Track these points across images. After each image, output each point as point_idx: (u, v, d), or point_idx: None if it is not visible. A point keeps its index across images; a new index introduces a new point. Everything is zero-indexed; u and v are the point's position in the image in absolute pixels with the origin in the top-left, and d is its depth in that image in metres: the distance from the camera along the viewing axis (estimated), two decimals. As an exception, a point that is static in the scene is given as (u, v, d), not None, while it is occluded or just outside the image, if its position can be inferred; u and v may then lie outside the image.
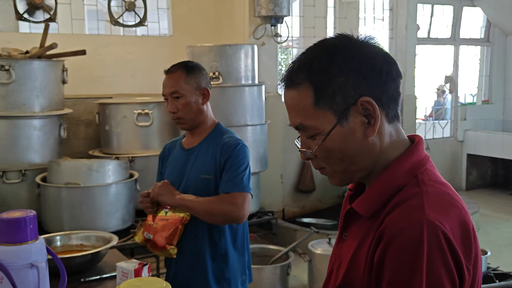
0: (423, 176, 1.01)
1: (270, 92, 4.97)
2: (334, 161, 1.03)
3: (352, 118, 1.00)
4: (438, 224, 0.90)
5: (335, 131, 1.00)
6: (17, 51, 3.91)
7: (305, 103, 1.01)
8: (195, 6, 5.14)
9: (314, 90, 1.00)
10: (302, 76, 1.01)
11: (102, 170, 3.61)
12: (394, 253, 0.91)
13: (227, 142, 2.03)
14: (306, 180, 5.60)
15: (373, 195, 1.02)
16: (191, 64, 2.12)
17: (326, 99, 1.00)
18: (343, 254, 1.08)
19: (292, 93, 1.03)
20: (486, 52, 7.31)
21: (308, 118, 1.02)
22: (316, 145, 1.02)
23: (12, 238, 1.32)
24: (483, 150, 6.89)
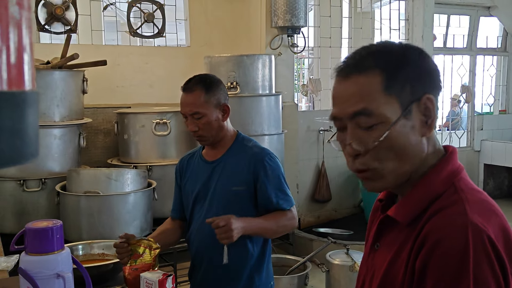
0: (460, 184, 1.00)
1: (286, 101, 4.99)
2: (389, 158, 0.98)
3: (414, 114, 0.98)
4: (483, 228, 0.90)
5: (400, 123, 0.97)
6: (38, 61, 3.98)
7: (372, 88, 0.97)
8: (213, 17, 5.20)
9: (385, 75, 0.97)
10: (372, 61, 0.99)
11: (121, 179, 3.65)
12: (439, 259, 0.90)
13: (256, 153, 2.03)
14: (322, 189, 5.59)
15: (411, 201, 1.01)
16: (209, 80, 2.07)
17: (396, 86, 0.97)
18: (376, 264, 1.07)
19: (357, 78, 0.99)
20: (503, 61, 7.26)
21: (375, 102, 0.97)
22: (378, 136, 0.96)
23: (39, 248, 1.32)
24: (500, 160, 6.83)
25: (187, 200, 2.16)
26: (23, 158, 0.42)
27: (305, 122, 5.45)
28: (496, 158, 6.86)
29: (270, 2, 4.82)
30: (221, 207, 2.02)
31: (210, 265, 2.01)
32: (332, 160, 5.65)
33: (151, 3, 4.92)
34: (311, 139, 5.53)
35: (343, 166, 5.78)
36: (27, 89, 0.42)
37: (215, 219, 1.82)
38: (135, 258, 1.90)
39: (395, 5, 6.16)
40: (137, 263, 1.91)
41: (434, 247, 0.91)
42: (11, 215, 3.74)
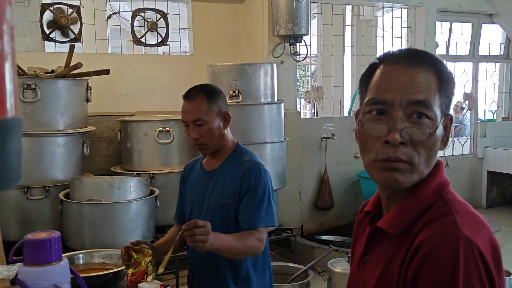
0: (448, 196, 1.03)
1: (289, 109, 5.01)
2: (424, 157, 1.01)
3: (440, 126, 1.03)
4: (474, 241, 0.92)
5: (440, 127, 1.02)
6: (43, 70, 4.02)
7: (433, 85, 1.02)
8: (216, 26, 5.24)
9: (437, 77, 1.02)
10: (426, 60, 1.03)
11: (124, 187, 3.68)
12: (431, 268, 0.92)
13: (247, 167, 2.02)
14: (324, 197, 5.60)
15: (402, 213, 1.03)
16: (211, 88, 2.09)
17: (444, 91, 1.03)
18: (367, 276, 1.09)
19: (423, 71, 1.02)
20: (505, 68, 7.26)
21: (433, 99, 1.01)
22: (434, 127, 1.00)
23: (37, 259, 1.33)
24: (504, 167, 6.81)
25: (186, 207, 2.20)
26: (4, 184, 0.44)
27: (308, 130, 5.47)
28: (499, 165, 6.85)
29: (272, 11, 4.86)
30: (210, 218, 2.02)
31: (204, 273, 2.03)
32: (334, 167, 5.67)
33: (155, 12, 4.96)
34: (313, 146, 5.55)
35: (346, 174, 5.82)
36: (9, 116, 0.45)
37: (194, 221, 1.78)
38: (137, 265, 1.93)
39: (398, 12, 6.18)
40: (136, 270, 1.93)
41: (426, 256, 0.93)
42: (14, 223, 3.77)
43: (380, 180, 1.03)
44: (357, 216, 1.25)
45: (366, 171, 1.07)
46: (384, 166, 1.01)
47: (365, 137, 1.05)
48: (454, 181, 6.10)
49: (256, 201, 1.97)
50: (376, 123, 1.02)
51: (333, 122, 5.67)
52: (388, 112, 1.01)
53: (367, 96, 1.06)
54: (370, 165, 1.04)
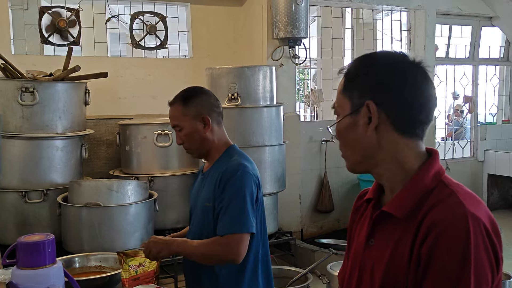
0: (447, 180, 1.13)
1: (288, 112, 5.00)
2: (343, 143, 1.21)
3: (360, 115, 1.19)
4: (479, 217, 1.04)
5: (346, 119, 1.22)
6: (41, 73, 4.02)
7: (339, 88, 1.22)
8: (215, 29, 5.24)
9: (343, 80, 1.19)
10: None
11: (122, 190, 3.67)
12: (446, 244, 1.01)
13: (227, 168, 1.95)
14: (324, 200, 5.59)
15: (406, 197, 1.12)
16: (189, 92, 2.07)
17: (348, 88, 1.20)
18: (374, 258, 1.16)
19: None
20: (505, 71, 7.25)
21: (339, 100, 1.21)
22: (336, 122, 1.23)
23: (30, 262, 1.31)
24: (504, 170, 6.79)
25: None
26: None
27: (307, 133, 5.46)
28: (500, 168, 6.83)
29: (271, 14, 4.85)
30: (196, 222, 2.03)
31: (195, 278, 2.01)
32: (334, 170, 5.65)
33: (154, 15, 4.96)
34: (313, 149, 5.53)
35: (346, 177, 5.80)
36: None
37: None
38: (136, 269, 1.91)
39: (397, 15, 6.17)
40: (138, 273, 1.91)
41: (440, 234, 1.02)
42: (12, 226, 3.76)
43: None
44: (355, 204, 1.35)
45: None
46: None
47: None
48: (454, 184, 5.89)
49: (227, 206, 1.89)
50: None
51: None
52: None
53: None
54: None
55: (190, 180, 4.33)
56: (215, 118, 2.05)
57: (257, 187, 1.98)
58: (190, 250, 1.91)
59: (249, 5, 5.26)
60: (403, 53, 1.20)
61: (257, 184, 1.98)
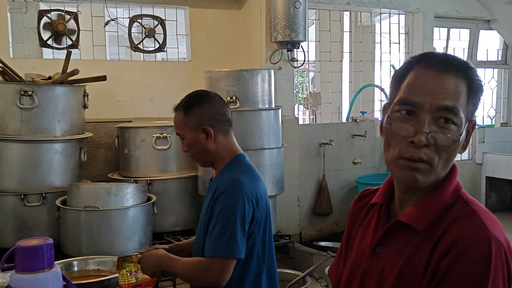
0: (466, 196, 1.13)
1: (287, 115, 5.01)
2: (444, 158, 1.08)
3: (464, 131, 1.09)
4: (501, 241, 1.04)
5: (463, 132, 1.08)
6: (40, 76, 4.02)
7: (463, 95, 1.07)
8: (213, 32, 5.25)
9: (468, 86, 1.08)
10: (459, 68, 1.08)
11: (121, 194, 3.67)
12: (466, 264, 1.01)
13: (220, 183, 1.84)
14: (323, 203, 5.59)
15: (427, 210, 1.11)
16: (191, 101, 1.95)
17: (472, 99, 1.09)
18: (383, 265, 1.14)
19: (455, 79, 1.07)
20: (504, 74, 7.27)
21: (461, 107, 1.06)
22: (457, 134, 1.07)
23: (28, 266, 1.31)
24: (502, 173, 6.80)
25: None
26: None
27: (306, 136, 5.47)
28: (498, 171, 6.84)
29: (270, 17, 4.86)
30: (197, 234, 1.97)
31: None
32: (333, 173, 5.66)
33: (153, 18, 4.97)
34: (311, 152, 5.54)
35: (344, 180, 5.81)
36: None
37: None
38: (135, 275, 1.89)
39: (395, 19, 6.19)
40: (138, 279, 1.90)
41: (462, 252, 1.02)
42: (11, 229, 3.76)
43: (400, 177, 1.11)
44: (354, 205, 1.31)
45: (387, 166, 1.14)
46: (406, 165, 1.07)
47: (391, 134, 1.10)
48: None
49: (214, 225, 1.79)
50: (404, 123, 1.07)
51: (331, 128, 5.66)
52: (416, 114, 1.07)
53: (398, 95, 1.11)
54: (392, 162, 1.11)
55: (188, 183, 4.35)
56: (220, 128, 1.94)
57: (253, 206, 1.84)
58: (176, 270, 1.85)
59: (248, 8, 5.27)
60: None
61: (253, 203, 1.84)
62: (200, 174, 4.29)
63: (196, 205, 4.37)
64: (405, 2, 5.91)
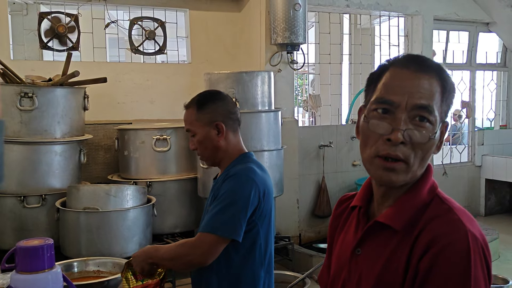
0: (441, 194, 1.14)
1: (286, 117, 5.02)
2: (420, 156, 1.10)
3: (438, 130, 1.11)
4: (478, 237, 1.06)
5: (437, 131, 1.10)
6: (40, 78, 4.03)
7: (438, 95, 1.10)
8: (213, 35, 5.26)
9: (441, 86, 1.10)
10: (433, 68, 1.11)
11: (120, 195, 3.67)
12: (447, 261, 1.03)
13: (231, 170, 1.88)
14: (322, 205, 5.60)
15: (403, 209, 1.12)
16: (205, 97, 1.98)
17: (446, 99, 1.11)
18: (361, 268, 1.14)
19: (430, 79, 1.10)
20: (503, 76, 7.29)
21: (436, 106, 1.09)
22: (433, 131, 1.09)
23: (29, 267, 1.31)
24: (501, 175, 6.81)
25: None
26: None
27: (305, 138, 5.47)
28: (497, 173, 6.85)
29: (270, 20, 4.88)
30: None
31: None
32: (332, 175, 5.67)
33: (153, 20, 4.98)
34: (311, 154, 5.55)
35: (344, 182, 5.82)
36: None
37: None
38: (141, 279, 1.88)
39: (395, 21, 6.21)
40: (144, 282, 1.88)
41: (442, 250, 1.03)
42: (11, 231, 3.76)
43: (376, 176, 1.13)
44: (335, 210, 1.34)
45: (364, 166, 1.14)
46: (381, 165, 1.09)
47: (368, 133, 1.12)
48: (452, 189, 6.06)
49: (216, 205, 1.80)
50: (380, 121, 1.09)
51: (330, 130, 5.67)
52: (392, 113, 1.09)
53: (375, 94, 1.13)
54: (368, 160, 1.12)
55: (188, 185, 4.35)
56: (231, 126, 1.96)
57: (259, 197, 1.85)
58: (162, 254, 1.83)
59: (248, 10, 5.29)
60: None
61: (259, 193, 1.85)
62: (199, 175, 4.30)
63: (195, 207, 4.37)
64: (404, 5, 5.93)
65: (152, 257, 1.85)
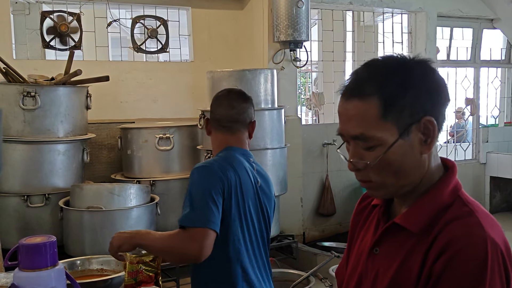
0: (464, 196, 1.09)
1: (289, 115, 5.00)
2: (388, 174, 1.07)
3: (412, 135, 1.05)
4: (498, 243, 1.01)
5: (397, 144, 1.04)
6: (43, 77, 4.03)
7: (371, 114, 1.04)
8: (215, 33, 5.25)
9: (383, 103, 1.03)
10: (373, 88, 1.04)
11: (124, 194, 3.67)
12: (461, 266, 0.98)
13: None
14: (326, 203, 5.58)
15: (421, 211, 1.08)
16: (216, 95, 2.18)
17: (394, 113, 1.03)
18: (379, 268, 1.12)
19: (357, 103, 1.05)
20: (507, 73, 7.25)
21: (372, 129, 1.04)
22: (376, 156, 1.05)
23: (32, 264, 1.30)
24: (507, 173, 6.78)
25: None
26: None
27: (309, 136, 5.45)
28: (502, 170, 6.81)
29: (272, 17, 4.86)
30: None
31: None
32: (336, 173, 5.65)
33: (155, 19, 4.97)
34: (315, 152, 5.53)
35: (348, 180, 5.79)
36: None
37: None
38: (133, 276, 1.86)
39: (398, 18, 6.18)
40: (137, 281, 1.87)
41: (456, 254, 0.99)
42: (14, 230, 3.76)
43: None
44: (357, 206, 1.30)
45: None
46: (361, 185, 1.13)
47: None
48: (456, 186, 5.85)
49: (186, 198, 1.87)
50: (347, 149, 1.11)
51: (334, 128, 5.65)
52: (347, 142, 1.10)
53: None
54: None
55: (191, 184, 4.33)
56: (213, 123, 2.11)
57: (222, 186, 1.88)
58: (151, 242, 1.82)
59: (250, 8, 5.27)
60: (399, 54, 1.11)
61: (222, 182, 1.88)
62: (203, 174, 4.28)
63: (199, 205, 4.36)
64: (408, 2, 5.90)
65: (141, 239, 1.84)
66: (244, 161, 2.04)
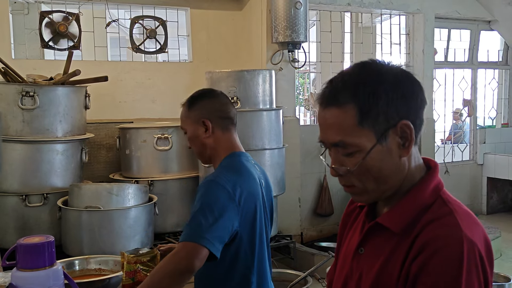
0: (445, 196, 1.10)
1: (287, 116, 5.02)
2: (368, 179, 1.09)
3: (390, 139, 1.07)
4: (475, 242, 1.01)
5: (374, 149, 1.06)
6: (41, 77, 4.03)
7: (348, 122, 1.06)
8: (214, 33, 5.26)
9: (359, 111, 1.06)
10: (348, 96, 1.06)
11: (122, 194, 3.68)
12: (437, 266, 1.00)
13: (201, 182, 1.86)
14: (324, 203, 5.59)
15: (402, 211, 1.10)
16: (196, 96, 2.01)
17: (370, 120, 1.06)
18: (363, 267, 1.14)
19: (334, 111, 1.08)
20: (504, 75, 7.27)
21: (350, 136, 1.07)
22: (355, 162, 1.08)
23: (29, 264, 1.30)
24: (503, 174, 6.80)
25: None
26: None
27: (307, 136, 5.47)
28: (499, 171, 6.84)
29: (271, 18, 4.87)
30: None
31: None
32: (334, 174, 5.65)
33: (154, 19, 4.99)
34: (312, 153, 5.54)
35: (345, 180, 5.80)
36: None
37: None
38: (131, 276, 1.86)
39: (396, 19, 6.20)
40: (134, 280, 1.88)
41: (432, 254, 1.00)
42: (13, 230, 3.77)
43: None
44: (347, 208, 1.33)
45: None
46: (345, 190, 1.15)
47: None
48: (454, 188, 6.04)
49: (192, 212, 1.76)
50: (330, 156, 1.14)
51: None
52: (329, 149, 1.13)
53: None
54: None
55: (190, 184, 4.35)
56: (219, 124, 1.94)
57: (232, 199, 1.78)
58: (146, 283, 1.69)
59: (249, 9, 5.29)
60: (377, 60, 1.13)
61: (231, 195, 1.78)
62: (201, 174, 4.30)
63: (197, 205, 4.37)
64: (405, 3, 5.92)
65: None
66: (250, 166, 1.97)
